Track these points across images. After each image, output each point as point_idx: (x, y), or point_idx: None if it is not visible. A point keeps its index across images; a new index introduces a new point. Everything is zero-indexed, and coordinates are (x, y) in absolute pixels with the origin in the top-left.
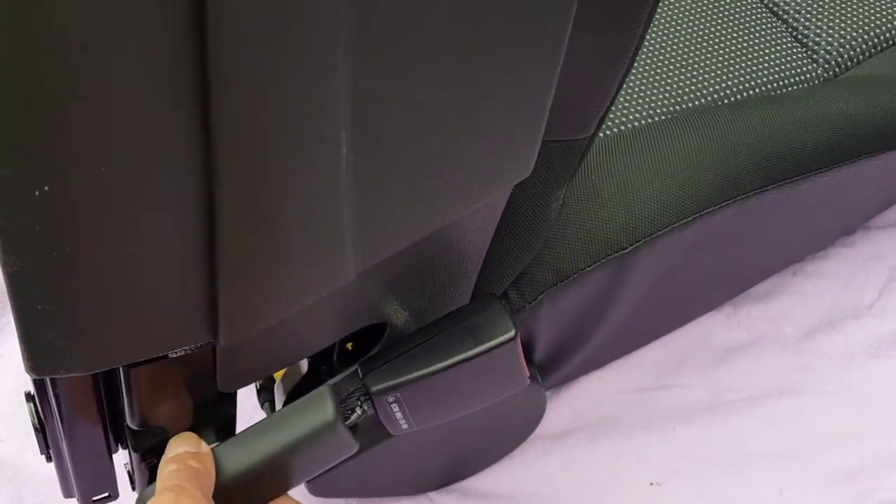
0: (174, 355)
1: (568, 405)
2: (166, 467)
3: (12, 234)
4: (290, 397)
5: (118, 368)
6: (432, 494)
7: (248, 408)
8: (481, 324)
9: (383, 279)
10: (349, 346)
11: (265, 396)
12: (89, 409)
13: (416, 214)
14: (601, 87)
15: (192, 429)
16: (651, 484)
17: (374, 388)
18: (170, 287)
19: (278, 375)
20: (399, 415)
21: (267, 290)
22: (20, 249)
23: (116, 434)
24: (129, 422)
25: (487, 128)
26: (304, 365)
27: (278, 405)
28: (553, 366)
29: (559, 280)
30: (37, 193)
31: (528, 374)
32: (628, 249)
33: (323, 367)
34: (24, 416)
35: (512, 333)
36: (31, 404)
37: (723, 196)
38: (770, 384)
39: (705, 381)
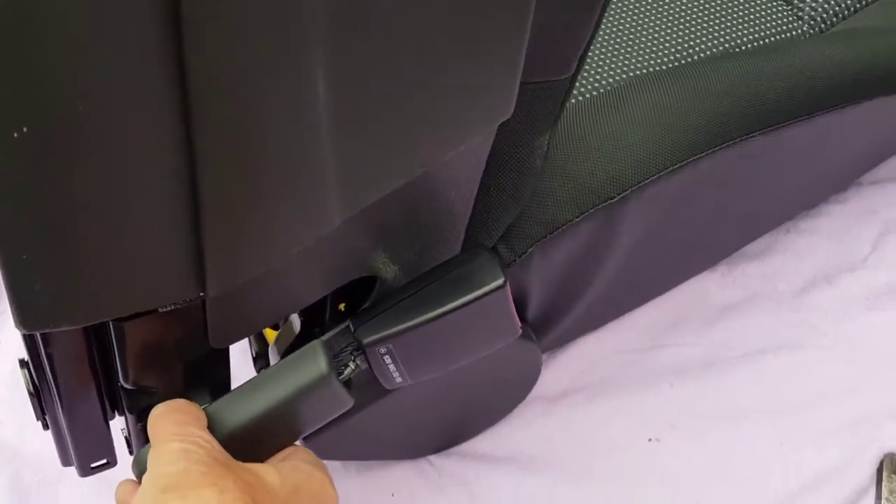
0: (164, 310)
1: (564, 367)
2: (158, 420)
3: None
4: (284, 357)
5: (109, 327)
6: (432, 458)
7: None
8: (470, 273)
9: (369, 229)
10: (342, 306)
11: (261, 363)
12: (82, 370)
13: (398, 157)
14: (578, 27)
15: (186, 388)
16: (649, 440)
17: (365, 340)
18: (155, 236)
19: (271, 338)
20: (392, 367)
21: (252, 238)
22: (1, 196)
23: (112, 401)
24: (122, 381)
25: (465, 68)
26: (296, 326)
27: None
28: (547, 325)
29: (548, 232)
30: (15, 135)
31: (519, 323)
32: (616, 199)
33: (316, 329)
34: (22, 399)
35: (501, 281)
36: (25, 370)
37: (709, 142)
38: (766, 340)
39: (701, 340)
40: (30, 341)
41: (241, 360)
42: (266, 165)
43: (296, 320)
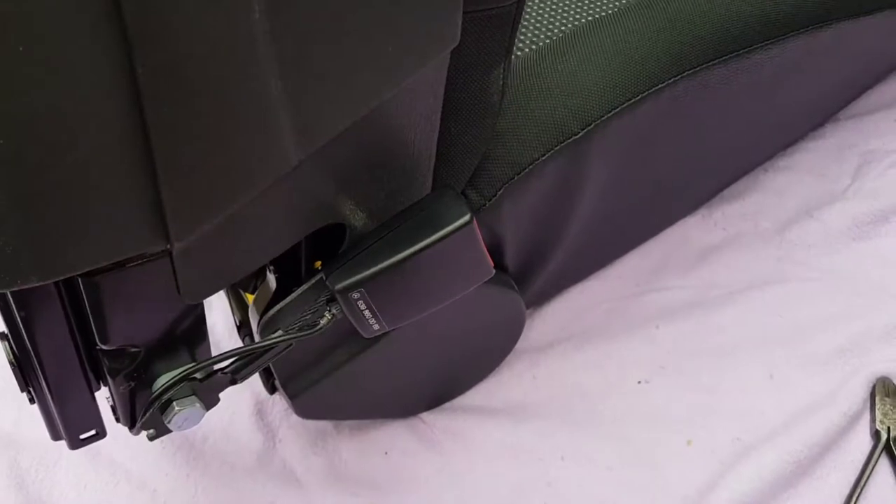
0: (132, 265)
1: (551, 318)
2: None
3: None
4: (263, 316)
5: (82, 292)
6: (423, 415)
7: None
8: (437, 212)
9: (331, 173)
10: (318, 264)
11: (245, 331)
12: (59, 333)
13: (348, 90)
14: None
15: (163, 347)
16: (639, 382)
17: (337, 287)
18: (110, 184)
19: (250, 300)
20: (367, 313)
21: (207, 181)
22: None
23: (95, 371)
24: (99, 342)
25: None
26: (272, 284)
27: (254, 331)
28: (528, 276)
29: (515, 173)
30: None
31: (491, 263)
32: (580, 134)
33: (293, 288)
34: (16, 389)
35: (467, 217)
36: (5, 342)
37: (669, 72)
38: (752, 277)
39: (686, 282)
40: (3, 305)
41: (224, 334)
42: (213, 106)
43: (271, 279)
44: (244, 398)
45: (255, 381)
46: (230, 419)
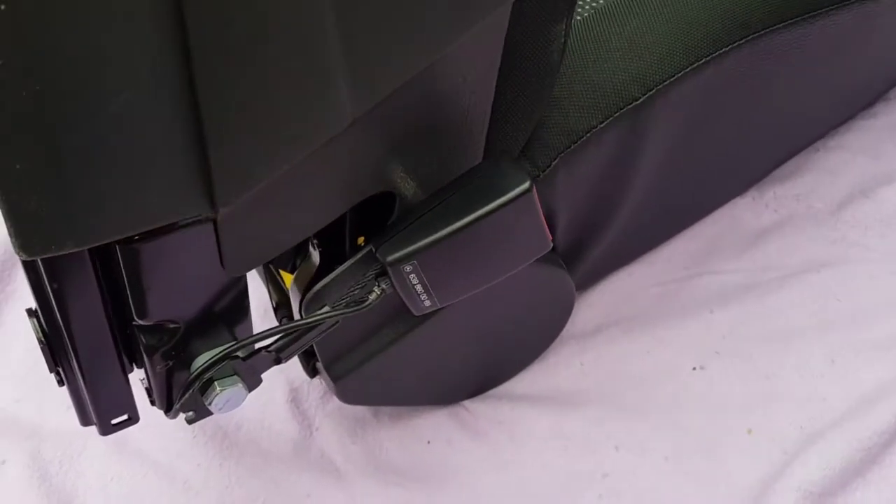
0: (174, 232)
1: (598, 303)
2: None
3: None
4: (305, 294)
5: (118, 259)
6: (465, 403)
7: None
8: (494, 179)
9: (383, 136)
10: (361, 240)
11: (283, 312)
12: (93, 306)
13: (407, 41)
14: None
15: (203, 323)
16: (694, 368)
17: (389, 259)
18: (156, 139)
19: (288, 282)
20: (419, 288)
21: (257, 138)
22: None
23: (129, 352)
24: (136, 316)
25: None
26: (315, 259)
27: (294, 310)
28: (577, 256)
29: (572, 142)
30: None
31: (549, 235)
32: (641, 100)
33: (335, 267)
34: (39, 377)
35: (527, 184)
36: (34, 319)
37: (733, 35)
38: (807, 260)
39: (739, 265)
40: (35, 278)
41: (256, 318)
42: (268, 55)
43: (315, 254)
44: (278, 385)
45: (289, 367)
46: (264, 407)
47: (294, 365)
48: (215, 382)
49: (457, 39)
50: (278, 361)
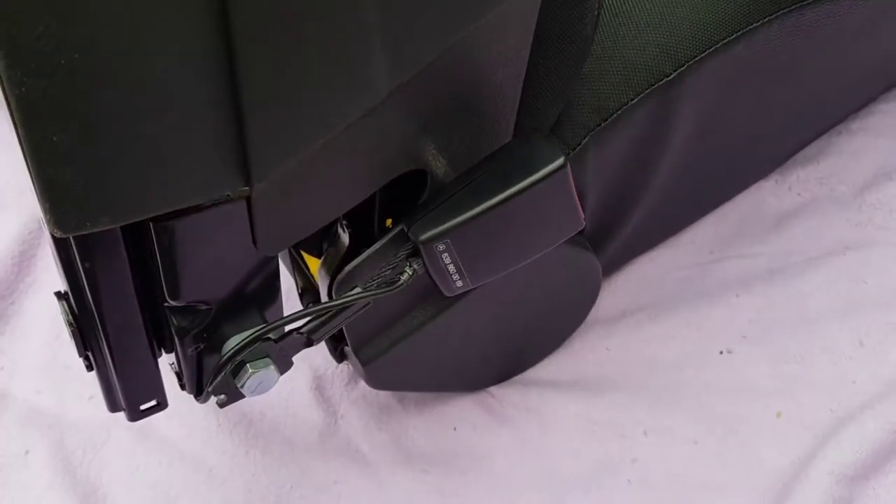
0: (207, 209)
1: (622, 289)
2: None
3: (15, 39)
4: (334, 279)
5: (150, 239)
6: (492, 389)
7: None
8: (527, 156)
9: (416, 111)
10: (389, 222)
11: (308, 298)
12: (124, 287)
13: (444, 10)
14: None
15: (235, 305)
16: (721, 353)
17: (422, 237)
18: (193, 112)
19: (315, 268)
20: (452, 268)
21: (294, 110)
22: (27, 62)
23: (159, 337)
24: (169, 297)
25: None
26: (345, 240)
27: (322, 293)
28: (604, 238)
29: (602, 119)
30: None
31: (582, 212)
32: (672, 76)
33: (362, 249)
34: (60, 368)
35: (561, 161)
36: (63, 302)
37: (765, 10)
38: (832, 242)
39: (763, 249)
40: (66, 258)
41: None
42: (306, 26)
43: (344, 237)
44: (302, 372)
45: (313, 354)
46: (288, 394)
47: (317, 352)
48: (247, 365)
49: (494, 8)
50: (309, 344)
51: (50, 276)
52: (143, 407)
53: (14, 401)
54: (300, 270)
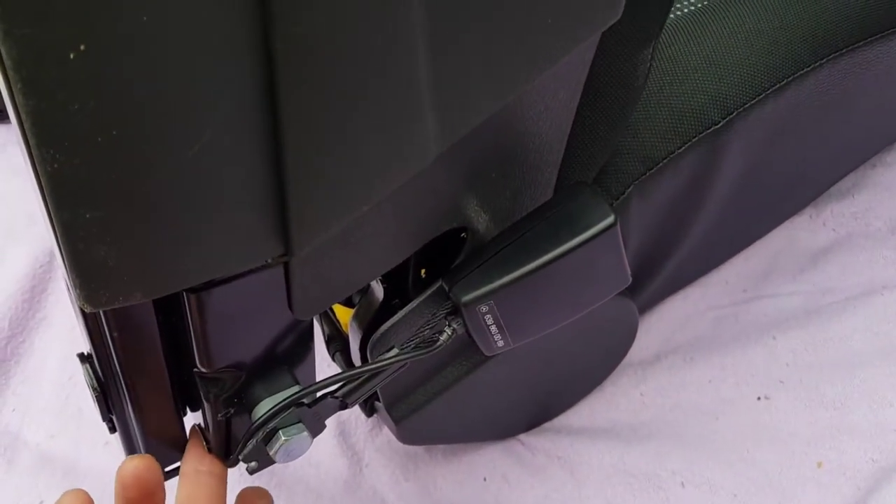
0: (243, 277)
1: (655, 330)
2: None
3: (48, 116)
4: (367, 334)
5: (182, 303)
6: (522, 437)
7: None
8: (574, 213)
9: (461, 168)
10: (423, 272)
11: (336, 346)
12: (154, 356)
13: (500, 70)
14: None
15: (268, 368)
16: (759, 398)
17: (464, 299)
18: (235, 182)
19: (344, 320)
20: (494, 328)
21: (340, 177)
22: (58, 137)
23: (184, 396)
24: (200, 365)
25: None
26: (379, 294)
27: (353, 349)
28: (640, 282)
29: (647, 168)
30: (71, 56)
31: (629, 270)
32: (721, 124)
33: (395, 301)
34: (74, 410)
35: (612, 219)
36: (87, 365)
37: (816, 55)
38: (869, 281)
39: (799, 287)
40: (93, 326)
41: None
42: (357, 89)
43: (378, 289)
44: None
45: None
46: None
47: None
48: (279, 432)
49: (552, 66)
50: (344, 407)
51: (61, 311)
52: (167, 469)
53: (27, 446)
54: (327, 318)
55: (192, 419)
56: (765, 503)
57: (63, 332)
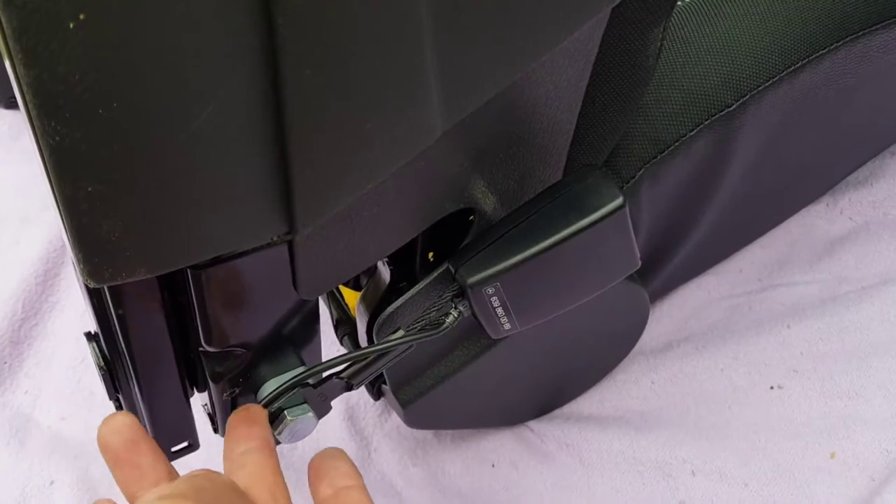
0: (248, 255)
1: (668, 317)
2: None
3: (49, 87)
4: (374, 316)
5: (186, 280)
6: (531, 424)
7: None
8: (583, 195)
9: (468, 147)
10: (431, 256)
11: (344, 330)
12: (159, 334)
13: (506, 47)
14: None
15: (274, 349)
16: (772, 388)
17: (470, 280)
18: (238, 158)
19: (352, 303)
20: (500, 311)
21: (345, 154)
22: (59, 109)
23: (191, 375)
24: (205, 343)
25: None
26: (386, 276)
27: (360, 331)
28: (652, 269)
29: (659, 151)
30: (71, 26)
31: (638, 252)
32: (734, 107)
33: (402, 284)
34: (86, 393)
35: (620, 200)
36: (94, 343)
37: (832, 37)
38: (885, 271)
39: (814, 276)
40: (98, 303)
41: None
42: (362, 65)
43: (385, 271)
44: (333, 403)
45: None
46: (320, 425)
47: None
48: (285, 412)
49: (560, 43)
50: (349, 388)
51: (74, 295)
52: (174, 448)
53: (39, 428)
54: (335, 301)
55: (198, 403)
56: (777, 493)
57: (75, 315)
